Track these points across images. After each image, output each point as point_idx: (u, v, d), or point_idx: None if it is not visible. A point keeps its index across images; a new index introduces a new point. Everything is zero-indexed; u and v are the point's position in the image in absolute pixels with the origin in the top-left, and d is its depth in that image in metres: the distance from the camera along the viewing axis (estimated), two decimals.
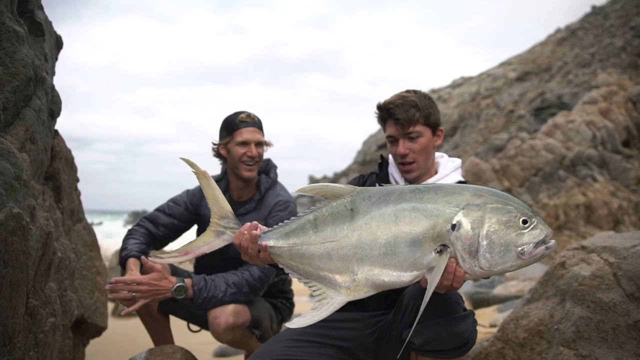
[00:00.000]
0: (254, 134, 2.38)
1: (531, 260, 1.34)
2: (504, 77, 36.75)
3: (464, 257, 1.33)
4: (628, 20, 28.52)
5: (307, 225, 1.45)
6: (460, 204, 1.35)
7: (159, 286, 2.10)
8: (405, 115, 1.82)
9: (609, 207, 12.60)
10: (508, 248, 1.31)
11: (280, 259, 1.49)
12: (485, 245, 1.31)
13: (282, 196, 2.45)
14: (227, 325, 2.19)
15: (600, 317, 1.97)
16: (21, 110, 1.77)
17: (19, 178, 1.54)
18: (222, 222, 1.56)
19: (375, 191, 1.44)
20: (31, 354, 1.67)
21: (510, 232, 1.32)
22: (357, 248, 1.38)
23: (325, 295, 1.42)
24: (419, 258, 1.35)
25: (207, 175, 1.57)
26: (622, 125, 14.97)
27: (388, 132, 1.89)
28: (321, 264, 1.42)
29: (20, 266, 1.51)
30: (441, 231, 1.33)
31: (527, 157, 14.51)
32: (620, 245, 2.09)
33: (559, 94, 22.91)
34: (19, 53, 1.73)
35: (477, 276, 1.37)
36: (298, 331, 1.78)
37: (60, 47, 2.44)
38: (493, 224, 1.32)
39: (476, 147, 25.32)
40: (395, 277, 1.36)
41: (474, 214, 1.33)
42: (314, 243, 1.43)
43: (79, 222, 2.68)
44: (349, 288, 1.40)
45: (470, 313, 1.57)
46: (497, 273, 1.38)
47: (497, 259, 1.31)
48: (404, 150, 1.84)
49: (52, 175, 2.21)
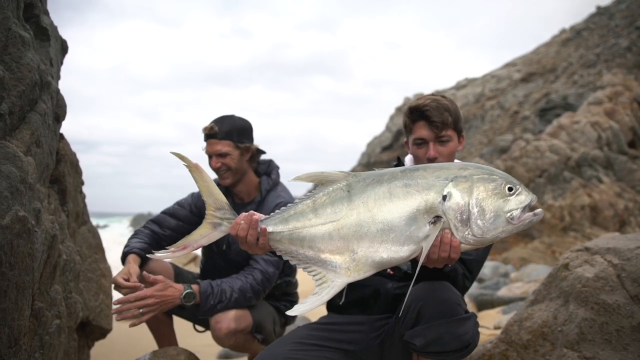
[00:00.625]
0: (213, 146, 2.39)
1: (520, 225, 1.39)
2: (509, 78, 36.63)
3: (457, 226, 1.38)
4: (633, 21, 28.37)
5: (306, 210, 1.49)
6: (449, 176, 1.42)
7: (166, 296, 2.08)
8: (440, 118, 1.83)
9: (615, 208, 12.51)
10: (497, 214, 1.37)
11: (280, 245, 1.50)
12: (476, 212, 1.37)
13: (283, 197, 2.46)
14: (229, 330, 2.19)
15: (604, 318, 1.96)
16: (27, 114, 1.79)
17: (25, 181, 1.56)
18: (218, 213, 1.56)
19: (369, 174, 1.49)
20: (37, 355, 1.68)
21: (497, 199, 1.39)
22: (356, 226, 1.42)
23: (325, 279, 1.45)
24: (415, 231, 1.39)
25: (199, 168, 1.57)
26: (628, 125, 14.88)
27: (418, 134, 1.88)
28: (322, 245, 1.45)
29: (25, 269, 1.53)
30: (433, 203, 1.39)
31: (532, 158, 14.45)
32: (624, 247, 2.08)
33: (564, 94, 22.81)
34: (25, 58, 1.75)
35: (471, 244, 1.41)
36: (303, 334, 1.78)
37: (66, 51, 2.47)
38: (481, 192, 1.39)
39: (481, 148, 25.24)
40: (394, 252, 1.40)
41: (463, 184, 1.40)
42: (315, 225, 1.46)
43: (84, 224, 2.71)
44: (348, 268, 1.43)
45: (472, 315, 1.58)
46: (490, 241, 1.41)
47: (489, 225, 1.37)
48: (434, 153, 1.85)
49: (58, 178, 2.24)
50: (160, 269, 2.39)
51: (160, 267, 2.39)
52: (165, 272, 2.41)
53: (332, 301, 1.95)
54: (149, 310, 2.04)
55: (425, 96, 1.91)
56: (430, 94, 1.93)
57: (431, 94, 1.93)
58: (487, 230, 1.37)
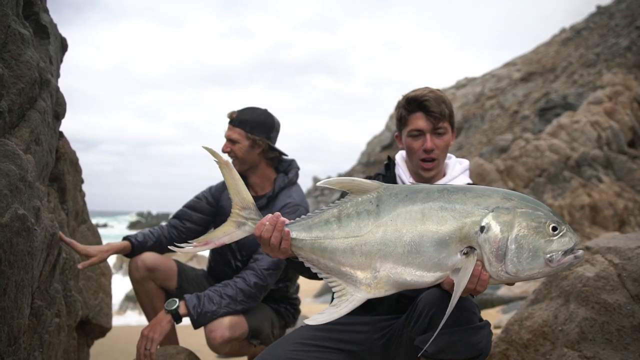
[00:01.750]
0: (228, 131, 2.46)
1: (559, 268, 1.32)
2: (509, 77, 36.64)
3: (490, 260, 1.30)
4: (633, 20, 28.37)
5: (331, 219, 1.43)
6: (489, 206, 1.33)
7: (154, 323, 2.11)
8: (439, 109, 1.79)
9: (615, 207, 12.52)
10: (536, 254, 1.29)
11: (302, 252, 1.46)
12: (513, 249, 1.29)
13: (293, 198, 2.44)
14: (223, 339, 2.17)
15: (604, 318, 1.96)
16: (26, 112, 1.78)
17: (24, 179, 1.55)
18: (243, 212, 1.53)
19: (402, 188, 1.42)
20: (36, 354, 1.68)
21: (539, 238, 1.30)
22: (381, 245, 1.36)
23: (345, 292, 1.40)
24: (444, 259, 1.32)
25: (230, 165, 1.54)
26: (628, 125, 14.89)
27: (414, 125, 1.82)
28: (343, 259, 1.40)
29: (25, 267, 1.52)
30: (469, 232, 1.31)
31: (532, 158, 14.45)
32: (624, 246, 2.08)
33: (563, 94, 22.82)
34: (24, 55, 1.74)
35: (502, 281, 1.34)
36: (306, 334, 1.75)
37: (65, 49, 2.46)
38: (522, 228, 1.30)
39: (480, 147, 25.25)
40: (418, 276, 1.34)
41: (504, 217, 1.31)
42: (337, 237, 1.41)
43: (84, 223, 2.70)
44: (369, 285, 1.38)
45: (486, 324, 1.54)
46: (523, 279, 1.34)
47: (525, 265, 1.29)
48: (431, 145, 1.80)
49: (57, 176, 2.23)
50: (164, 265, 2.39)
51: (163, 263, 2.39)
52: (168, 268, 2.41)
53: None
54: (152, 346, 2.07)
55: (420, 88, 1.86)
56: (422, 88, 1.87)
57: (423, 88, 1.87)
58: (522, 269, 1.30)
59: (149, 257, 2.36)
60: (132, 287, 2.45)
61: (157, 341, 2.08)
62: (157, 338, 2.08)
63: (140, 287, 2.38)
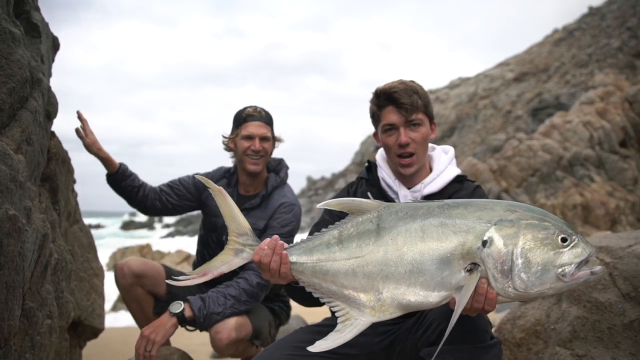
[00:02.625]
0: (258, 128, 2.38)
1: (573, 283, 1.23)
2: (502, 77, 36.85)
3: (496, 276, 1.24)
4: (625, 21, 28.64)
5: (332, 241, 1.39)
6: (492, 219, 1.27)
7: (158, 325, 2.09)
8: (410, 101, 1.68)
9: (606, 207, 12.64)
10: (546, 268, 1.21)
11: (303, 276, 1.42)
12: (520, 264, 1.22)
13: (288, 198, 2.45)
14: (230, 340, 2.16)
15: (596, 317, 1.97)
16: (17, 111, 1.76)
17: (15, 179, 1.54)
18: (240, 239, 1.50)
19: (402, 206, 1.38)
20: (27, 356, 1.66)
21: (547, 251, 1.22)
22: (382, 265, 1.32)
23: (348, 316, 1.36)
24: (447, 277, 1.27)
25: (223, 192, 1.52)
26: (619, 125, 15.03)
27: (387, 120, 1.72)
28: (346, 282, 1.36)
29: (16, 268, 1.51)
30: (471, 248, 1.26)
31: (525, 158, 14.54)
32: (616, 245, 2.10)
33: (556, 94, 22.99)
34: (15, 54, 1.73)
35: (512, 299, 1.28)
36: (303, 338, 1.70)
37: (57, 48, 2.44)
38: (528, 240, 1.23)
39: (474, 147, 25.37)
40: (422, 297, 1.29)
41: (507, 230, 1.24)
42: (339, 259, 1.37)
43: (76, 223, 2.68)
44: (373, 308, 1.33)
45: (497, 343, 1.48)
46: (534, 296, 1.26)
47: (534, 280, 1.22)
48: (405, 138, 1.69)
49: (49, 176, 2.21)
50: (151, 271, 2.37)
51: (151, 269, 2.37)
52: (157, 273, 2.39)
53: None
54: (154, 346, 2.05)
55: (392, 81, 1.76)
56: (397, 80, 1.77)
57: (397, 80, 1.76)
58: (531, 285, 1.22)
59: (136, 263, 2.34)
60: (120, 294, 2.43)
61: (158, 344, 2.05)
62: (159, 341, 2.05)
63: (128, 294, 2.36)
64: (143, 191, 2.52)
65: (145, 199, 2.52)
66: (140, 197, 2.51)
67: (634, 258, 1.98)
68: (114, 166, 2.46)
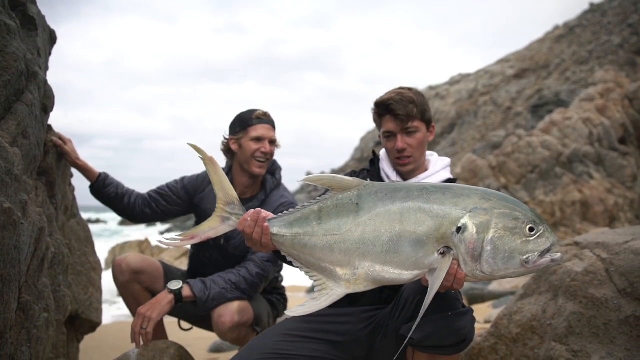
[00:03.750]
0: (268, 131, 2.42)
1: (535, 269, 1.33)
2: (502, 74, 36.77)
3: (466, 260, 1.32)
4: (626, 18, 28.55)
5: (312, 216, 1.45)
6: (467, 206, 1.34)
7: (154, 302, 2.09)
8: (405, 111, 1.84)
9: (605, 204, 12.65)
10: (512, 255, 1.31)
11: (283, 247, 1.50)
12: (489, 250, 1.31)
13: (286, 197, 2.48)
14: (233, 323, 2.17)
15: (592, 312, 1.98)
16: (13, 104, 1.75)
17: (10, 173, 1.53)
18: (227, 208, 1.57)
19: (382, 187, 1.44)
20: (24, 349, 1.67)
21: (515, 239, 1.31)
22: (359, 243, 1.38)
23: (325, 286, 1.43)
24: (421, 258, 1.34)
25: (214, 162, 1.58)
26: (619, 122, 15.01)
27: (386, 127, 1.90)
28: (322, 256, 1.42)
29: (12, 261, 1.51)
30: (446, 233, 1.33)
31: (524, 154, 14.54)
32: (612, 242, 2.10)
33: (556, 91, 22.95)
34: (11, 47, 1.72)
35: (478, 279, 1.37)
36: (291, 326, 1.79)
37: (54, 41, 2.42)
38: (499, 229, 1.31)
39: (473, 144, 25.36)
40: (396, 275, 1.37)
41: (481, 217, 1.32)
42: (317, 234, 1.43)
43: (73, 217, 2.67)
44: (349, 281, 1.40)
45: (469, 310, 1.57)
46: (499, 278, 1.37)
47: (500, 265, 1.31)
48: (402, 145, 1.86)
49: (46, 170, 2.20)
50: (150, 267, 2.38)
51: (149, 265, 2.38)
52: (154, 269, 2.39)
53: None
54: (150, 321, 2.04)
55: (390, 91, 1.94)
56: (397, 87, 1.96)
57: (398, 87, 1.95)
58: (497, 269, 1.31)
59: (134, 259, 2.34)
60: (118, 291, 2.43)
61: (154, 320, 2.05)
62: (155, 317, 2.05)
63: (126, 291, 2.36)
64: (129, 199, 2.49)
65: (133, 207, 2.49)
66: (126, 204, 2.48)
67: (630, 254, 1.99)
68: (94, 176, 2.44)
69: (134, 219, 2.55)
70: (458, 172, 14.26)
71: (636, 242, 2.02)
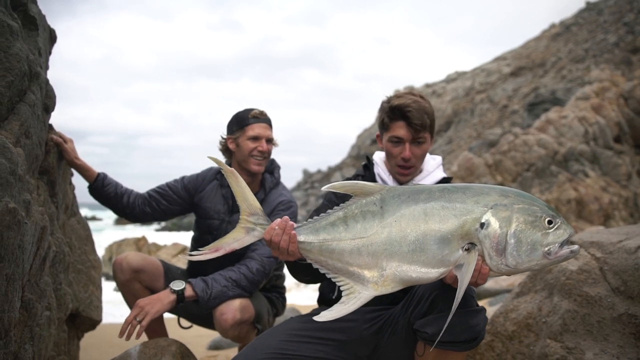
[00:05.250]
0: (265, 130, 2.44)
1: (556, 260, 1.37)
2: (498, 72, 36.84)
3: (491, 254, 1.36)
4: (621, 16, 28.65)
5: (337, 222, 1.48)
6: (488, 203, 1.39)
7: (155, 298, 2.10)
8: (421, 121, 1.84)
9: (600, 202, 12.73)
10: (534, 247, 1.36)
11: (310, 254, 1.52)
12: (512, 243, 1.35)
13: (285, 196, 2.50)
14: (235, 321, 2.19)
15: (586, 310, 2.01)
16: (16, 105, 1.77)
17: (14, 173, 1.55)
18: (251, 218, 1.58)
19: (404, 190, 1.47)
20: (27, 347, 1.68)
21: (536, 232, 1.36)
22: (386, 244, 1.42)
23: (352, 290, 1.45)
24: (447, 255, 1.38)
25: (235, 174, 1.59)
26: (614, 121, 15.10)
27: (396, 133, 1.87)
28: (351, 260, 1.45)
29: (15, 260, 1.52)
30: (470, 229, 1.37)
31: (520, 152, 14.60)
32: (607, 241, 2.13)
33: (552, 89, 23.03)
34: (13, 48, 1.73)
35: (502, 273, 1.41)
36: (296, 326, 1.79)
37: (54, 41, 2.43)
38: (520, 223, 1.36)
39: (470, 141, 25.42)
40: (423, 273, 1.40)
41: (502, 213, 1.37)
42: (345, 239, 1.46)
43: (73, 216, 2.69)
44: (376, 283, 1.43)
45: (483, 309, 1.60)
46: (522, 271, 1.40)
47: (524, 257, 1.35)
48: (409, 154, 1.86)
49: (47, 169, 2.21)
50: (150, 266, 2.39)
51: (149, 264, 2.39)
52: (154, 268, 2.41)
53: (324, 295, 1.97)
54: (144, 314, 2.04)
55: (404, 95, 1.90)
56: (409, 92, 1.92)
57: (410, 92, 1.92)
58: (521, 262, 1.36)
59: (135, 258, 2.35)
60: (118, 289, 2.45)
61: (151, 316, 2.05)
62: (152, 313, 2.05)
63: (126, 289, 2.37)
64: (128, 198, 2.50)
65: (133, 206, 2.50)
66: (125, 203, 2.49)
67: (623, 253, 2.02)
68: (93, 175, 2.45)
69: (133, 218, 2.56)
70: (454, 170, 14.31)
71: (630, 241, 2.06)
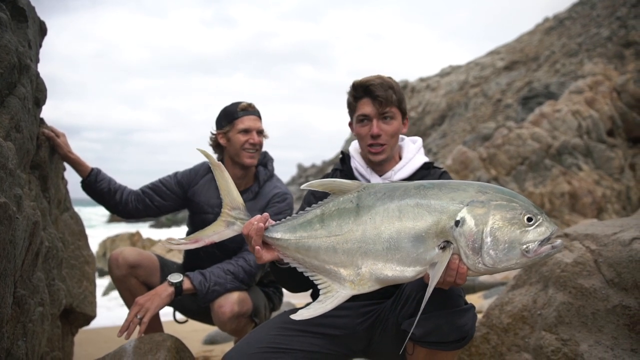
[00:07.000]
0: (255, 122, 2.42)
1: (536, 258, 1.33)
2: (492, 66, 36.89)
3: (467, 253, 1.33)
4: (614, 11, 28.75)
5: (314, 219, 1.48)
6: (464, 200, 1.35)
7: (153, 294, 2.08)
8: (384, 94, 1.80)
9: (593, 195, 12.83)
10: (512, 245, 1.31)
11: (287, 252, 1.51)
12: (489, 242, 1.31)
13: (279, 188, 2.49)
14: (233, 313, 2.19)
15: (580, 302, 2.02)
16: (5, 98, 1.74)
17: (5, 167, 1.52)
18: (232, 212, 1.59)
19: (381, 187, 1.46)
20: (20, 343, 1.67)
21: (514, 229, 1.31)
22: (361, 242, 1.40)
23: (330, 289, 1.44)
24: (422, 254, 1.35)
25: (222, 167, 1.61)
26: (607, 115, 15.18)
27: (361, 110, 1.84)
28: (327, 258, 1.44)
29: (7, 256, 1.50)
30: (445, 227, 1.34)
31: (514, 146, 14.67)
32: (601, 233, 2.14)
33: (546, 83, 23.10)
34: (2, 39, 1.70)
35: (481, 273, 1.37)
36: (289, 319, 1.76)
37: (45, 33, 2.39)
38: (497, 220, 1.32)
39: (464, 135, 25.49)
40: (399, 272, 1.37)
41: (478, 210, 1.33)
42: (320, 237, 1.45)
43: (66, 211, 2.66)
44: (353, 282, 1.42)
45: (471, 307, 1.58)
46: (501, 270, 1.36)
47: (501, 256, 1.31)
48: (377, 130, 1.81)
49: (38, 164, 2.19)
50: (146, 261, 2.38)
51: (145, 259, 2.38)
52: (150, 263, 2.40)
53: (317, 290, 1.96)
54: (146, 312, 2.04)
55: (369, 76, 1.88)
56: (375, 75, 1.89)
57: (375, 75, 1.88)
58: (499, 260, 1.31)
59: (131, 253, 2.34)
60: (114, 284, 2.43)
61: (152, 312, 2.05)
62: (152, 309, 2.05)
63: (122, 285, 2.36)
64: (121, 194, 2.48)
65: (126, 202, 2.48)
66: (118, 199, 2.47)
67: (618, 245, 2.03)
68: (86, 170, 2.42)
69: (126, 215, 2.54)
70: (449, 163, 14.35)
71: (624, 233, 2.07)
